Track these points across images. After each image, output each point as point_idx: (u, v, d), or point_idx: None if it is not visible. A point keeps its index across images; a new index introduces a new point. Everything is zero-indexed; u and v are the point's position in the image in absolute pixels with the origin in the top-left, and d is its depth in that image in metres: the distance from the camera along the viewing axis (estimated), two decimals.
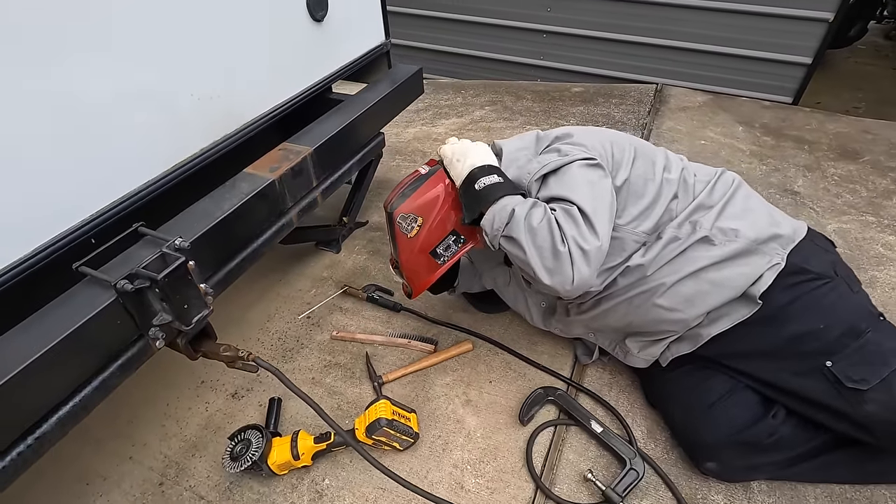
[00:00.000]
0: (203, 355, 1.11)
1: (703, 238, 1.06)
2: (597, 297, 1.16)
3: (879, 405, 0.98)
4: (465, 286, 1.54)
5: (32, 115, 0.87)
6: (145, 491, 1.26)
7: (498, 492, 1.17)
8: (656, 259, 1.07)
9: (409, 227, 1.15)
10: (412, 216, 1.15)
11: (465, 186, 1.10)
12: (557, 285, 0.96)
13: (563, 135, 1.16)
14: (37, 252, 0.92)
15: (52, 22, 0.86)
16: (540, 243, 0.96)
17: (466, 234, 1.17)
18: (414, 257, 1.18)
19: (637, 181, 1.10)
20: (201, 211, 1.11)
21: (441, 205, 1.15)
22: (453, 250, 1.16)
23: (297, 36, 1.42)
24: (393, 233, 1.19)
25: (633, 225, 1.08)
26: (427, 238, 1.16)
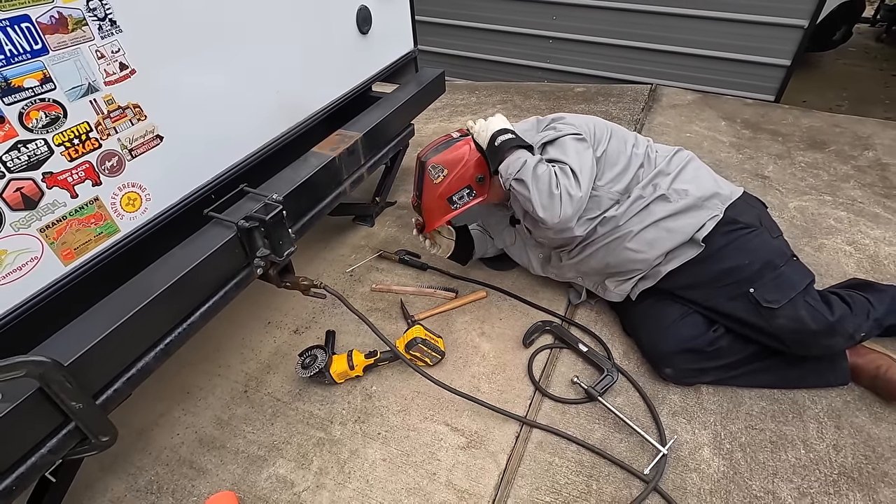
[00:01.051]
0: (286, 285, 1.49)
1: (661, 196, 1.41)
2: (582, 244, 1.51)
3: (787, 319, 1.32)
4: (480, 252, 1.90)
5: (191, 104, 1.26)
6: (234, 396, 1.63)
7: (506, 393, 1.53)
8: (626, 212, 1.43)
9: (436, 175, 1.51)
10: (440, 167, 1.51)
11: (490, 144, 1.46)
12: (548, 218, 1.33)
13: (557, 118, 1.53)
14: (182, 199, 1.30)
15: (201, 38, 1.25)
16: (541, 186, 1.33)
17: (478, 190, 1.53)
18: (434, 200, 1.54)
19: (612, 153, 1.46)
20: (285, 177, 1.48)
21: (464, 163, 1.52)
22: (465, 200, 1.53)
23: (349, 46, 1.80)
24: (422, 178, 1.54)
25: (608, 186, 1.44)
26: (448, 186, 1.52)
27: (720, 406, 1.45)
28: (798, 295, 1.35)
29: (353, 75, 1.86)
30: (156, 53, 1.14)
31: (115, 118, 1.08)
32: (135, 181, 1.17)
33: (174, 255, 1.20)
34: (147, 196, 1.20)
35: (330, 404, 1.56)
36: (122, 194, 1.14)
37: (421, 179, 1.56)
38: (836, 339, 1.37)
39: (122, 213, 1.15)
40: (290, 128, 1.63)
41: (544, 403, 1.48)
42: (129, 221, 1.18)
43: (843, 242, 2.01)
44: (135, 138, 1.14)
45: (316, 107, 1.72)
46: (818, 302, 1.37)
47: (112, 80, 1.06)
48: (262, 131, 1.53)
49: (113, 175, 1.11)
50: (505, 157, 1.41)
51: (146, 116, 1.15)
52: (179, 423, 1.57)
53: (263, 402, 1.60)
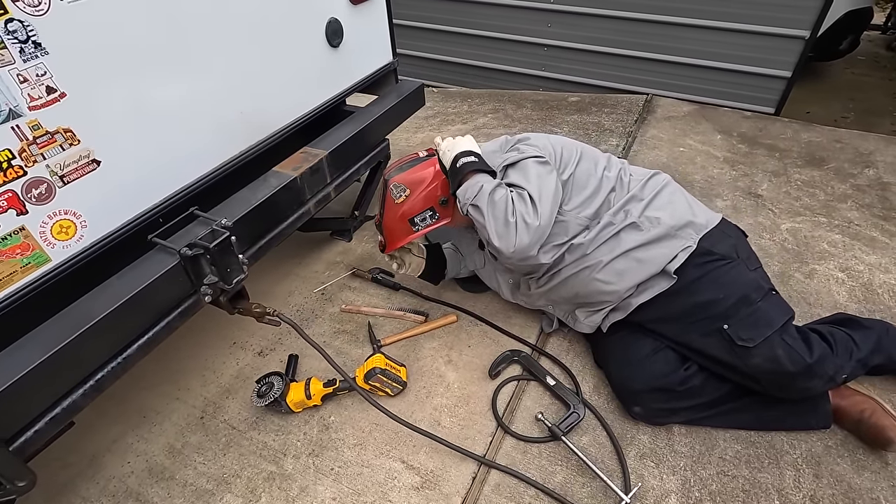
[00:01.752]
0: (239, 311, 1.42)
1: (632, 224, 1.34)
2: (550, 272, 1.44)
3: (763, 359, 1.24)
4: (453, 272, 1.83)
5: (131, 126, 1.20)
6: (189, 423, 1.58)
7: (467, 428, 1.46)
8: (595, 240, 1.35)
9: (398, 195, 1.45)
10: (403, 186, 1.46)
11: (451, 166, 1.39)
12: (503, 248, 1.25)
13: (522, 138, 1.45)
14: (123, 225, 1.25)
15: (148, 57, 1.19)
16: (496, 213, 1.25)
17: (441, 213, 1.47)
18: (395, 220, 1.48)
19: (581, 176, 1.38)
20: (241, 199, 1.43)
21: (427, 184, 1.46)
22: (427, 223, 1.47)
23: (317, 60, 1.73)
24: (385, 196, 1.49)
25: (576, 211, 1.36)
26: (410, 207, 1.45)
27: (692, 449, 1.36)
28: (775, 333, 1.26)
29: (323, 90, 1.80)
30: (90, 75, 1.09)
31: (42, 144, 1.03)
32: (67, 208, 1.11)
33: (111, 285, 1.15)
34: (83, 223, 1.15)
35: (285, 434, 1.50)
36: (53, 222, 1.09)
37: (384, 198, 1.51)
38: (815, 382, 1.28)
39: (53, 241, 1.10)
40: (252, 146, 1.57)
41: (506, 441, 1.41)
42: (62, 250, 1.12)
43: (836, 269, 1.92)
44: (66, 164, 1.09)
45: (280, 123, 1.66)
46: (796, 341, 1.29)
47: (38, 104, 1.01)
48: (218, 150, 1.47)
49: (41, 203, 1.06)
50: (463, 182, 1.34)
51: (80, 141, 1.10)
52: (132, 450, 1.52)
53: (219, 429, 1.55)
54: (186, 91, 1.33)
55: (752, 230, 2.10)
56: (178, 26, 1.26)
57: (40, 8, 0.97)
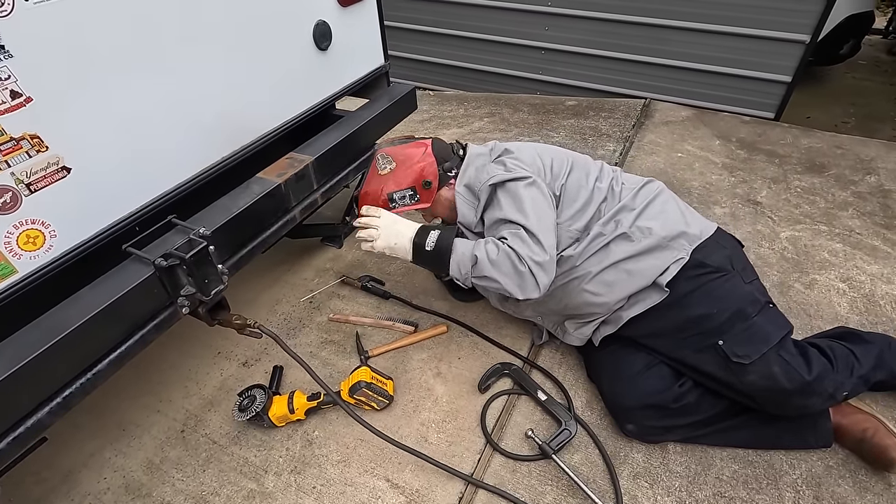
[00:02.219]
0: (218, 323, 1.37)
1: (622, 234, 1.29)
2: None
3: (758, 375, 1.19)
4: None
5: (104, 132, 1.16)
6: (169, 436, 1.53)
7: (455, 445, 1.41)
8: (584, 251, 1.30)
9: (384, 166, 1.41)
10: (390, 158, 1.41)
11: (419, 257, 1.31)
12: (530, 296, 1.21)
13: (509, 149, 1.40)
14: (97, 234, 1.20)
15: (123, 60, 1.15)
16: (505, 271, 1.20)
17: (422, 195, 1.42)
18: (375, 191, 1.42)
19: (572, 188, 1.34)
20: (221, 206, 1.37)
21: (415, 162, 1.41)
22: (406, 202, 1.42)
23: (305, 63, 1.69)
24: (370, 167, 1.44)
25: (567, 223, 1.31)
26: (393, 179, 1.41)
27: (687, 468, 1.31)
28: (771, 349, 1.21)
29: (311, 94, 1.75)
30: (58, 78, 1.04)
31: (5, 151, 0.98)
32: (35, 217, 1.06)
33: (81, 296, 1.10)
34: (52, 233, 1.10)
35: (267, 450, 1.45)
36: (19, 232, 1.04)
37: (369, 168, 1.46)
38: (813, 400, 1.24)
39: (18, 252, 1.05)
40: (235, 151, 1.52)
41: (494, 459, 1.36)
42: (30, 261, 1.08)
43: (837, 279, 1.87)
44: (33, 171, 1.04)
45: (265, 128, 1.61)
46: (794, 357, 1.24)
47: (1, 109, 0.96)
48: (199, 156, 1.43)
49: (6, 212, 1.01)
50: (450, 260, 1.28)
51: (48, 147, 1.05)
52: (109, 464, 1.47)
53: (199, 444, 1.50)
54: (164, 94, 1.28)
55: (750, 238, 2.05)
56: (153, 26, 1.21)
57: (3, 9, 0.92)
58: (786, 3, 2.76)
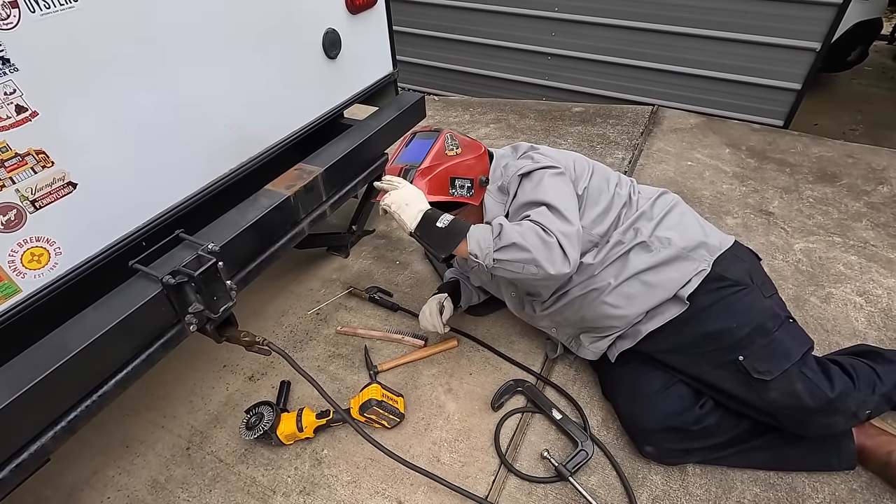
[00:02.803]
0: (226, 339, 1.34)
1: (641, 243, 1.26)
2: (557, 293, 1.36)
3: (780, 393, 1.16)
4: (466, 302, 1.72)
5: (111, 146, 1.12)
6: (174, 454, 1.50)
7: (468, 465, 1.37)
8: (603, 259, 1.27)
9: (451, 148, 1.32)
10: (457, 143, 1.34)
11: (425, 227, 1.20)
12: (561, 270, 1.14)
13: (535, 146, 1.39)
14: (103, 251, 1.17)
15: (127, 72, 1.12)
16: (533, 242, 1.13)
17: (475, 191, 1.34)
18: (441, 169, 1.29)
19: (593, 191, 1.31)
20: (229, 220, 1.34)
21: (479, 156, 1.36)
22: (463, 192, 1.32)
23: (314, 72, 1.66)
24: (434, 143, 1.32)
25: (589, 227, 1.28)
26: (460, 164, 1.31)
27: (707, 491, 1.28)
28: (793, 366, 1.18)
29: (320, 103, 1.73)
30: (64, 92, 1.01)
31: (10, 167, 0.95)
32: (40, 235, 1.03)
33: (86, 316, 1.07)
34: (57, 250, 1.07)
35: (275, 469, 1.42)
36: (23, 251, 1.01)
37: (430, 145, 1.32)
38: (836, 418, 1.20)
39: (23, 271, 1.02)
40: (243, 163, 1.49)
41: (509, 480, 1.33)
42: (34, 280, 1.04)
43: (853, 293, 1.84)
44: (39, 188, 1.01)
45: (273, 139, 1.58)
46: (816, 373, 1.21)
47: (6, 124, 0.93)
48: (207, 169, 1.40)
49: (10, 230, 0.98)
50: (468, 237, 1.19)
51: (53, 163, 1.02)
52: (112, 483, 1.44)
53: (205, 462, 1.46)
54: (171, 107, 1.25)
55: (764, 250, 2.02)
56: (161, 38, 1.18)
57: (9, 21, 0.89)
58: (796, 10, 2.74)
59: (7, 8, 0.89)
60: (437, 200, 1.28)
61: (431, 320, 1.56)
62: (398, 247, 2.24)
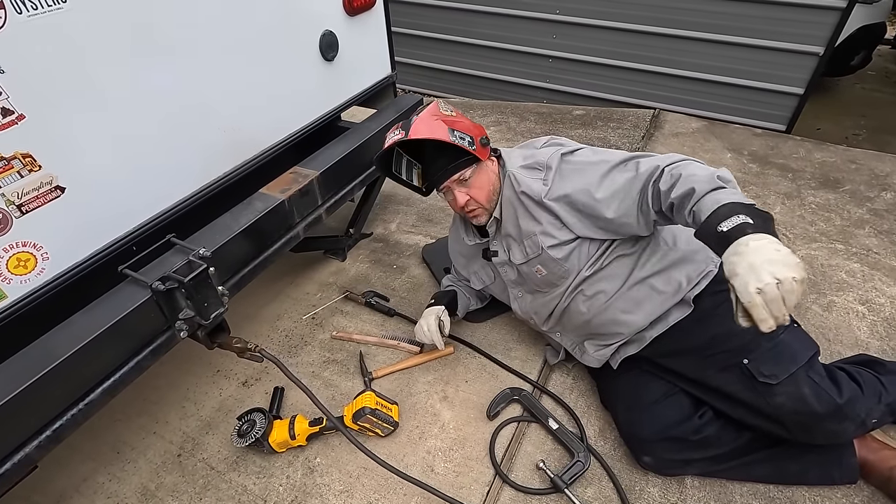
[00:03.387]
0: (218, 346, 1.32)
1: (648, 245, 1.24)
2: (570, 292, 1.33)
3: (787, 397, 1.13)
4: (463, 310, 1.69)
5: (101, 149, 1.11)
6: (165, 461, 1.48)
7: (463, 475, 1.35)
8: (611, 259, 1.25)
9: (446, 109, 1.26)
10: (451, 108, 1.28)
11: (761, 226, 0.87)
12: None
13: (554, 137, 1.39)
14: (92, 256, 1.15)
15: (117, 77, 1.10)
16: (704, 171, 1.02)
17: (478, 150, 1.25)
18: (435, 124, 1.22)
19: None
20: (222, 225, 1.33)
21: (472, 123, 1.29)
22: (464, 143, 1.22)
23: (310, 74, 1.64)
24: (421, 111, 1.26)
25: None
26: (453, 120, 1.24)
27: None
28: (800, 369, 1.15)
29: (316, 106, 1.71)
30: (52, 95, 0.99)
31: None
32: (26, 239, 1.01)
33: (74, 322, 1.05)
34: (44, 255, 1.05)
35: (267, 478, 1.40)
36: (9, 256, 0.99)
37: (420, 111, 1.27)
38: (846, 425, 1.17)
39: (8, 276, 1.00)
40: (237, 166, 1.47)
41: (504, 492, 1.31)
42: (20, 286, 1.03)
43: (856, 301, 1.81)
44: (25, 192, 0.99)
45: (269, 142, 1.56)
46: (823, 379, 1.18)
47: None
48: (200, 172, 1.38)
49: None
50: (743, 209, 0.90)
51: (41, 166, 1.00)
52: (102, 490, 1.42)
53: (196, 469, 1.44)
54: (164, 109, 1.23)
55: None
56: (152, 39, 1.16)
57: None
58: (800, 14, 2.71)
59: None
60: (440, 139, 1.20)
61: (430, 336, 1.52)
62: (395, 250, 2.22)
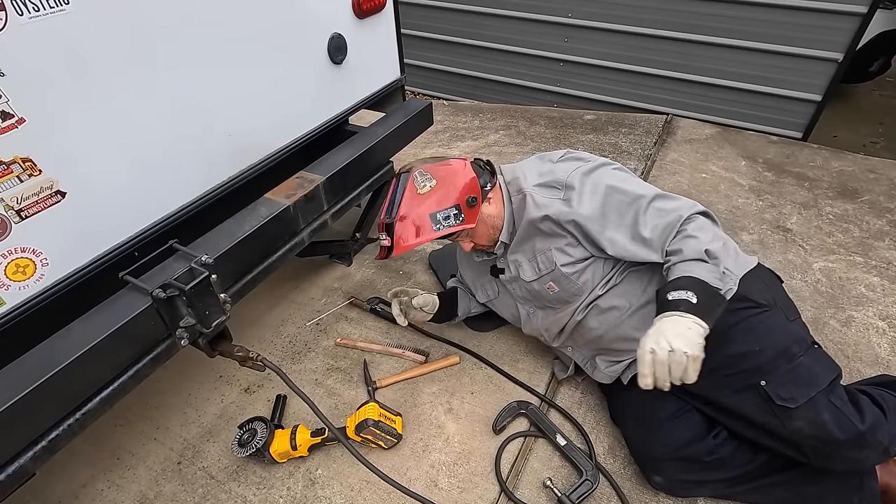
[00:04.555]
0: (219, 354, 1.30)
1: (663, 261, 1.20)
2: (584, 308, 1.29)
3: (806, 422, 1.09)
4: (464, 313, 1.67)
5: (102, 153, 1.08)
6: (165, 468, 1.46)
7: (467, 492, 1.32)
8: (625, 276, 1.23)
9: (423, 184, 1.25)
10: (429, 176, 1.26)
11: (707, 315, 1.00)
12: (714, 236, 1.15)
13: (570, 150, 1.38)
14: (92, 262, 1.13)
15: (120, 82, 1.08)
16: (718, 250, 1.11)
17: (466, 215, 1.25)
18: (415, 214, 1.25)
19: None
20: (225, 230, 1.30)
21: (458, 178, 1.27)
22: (451, 223, 1.24)
23: (318, 77, 1.61)
24: (403, 188, 1.27)
25: None
26: (435, 199, 1.25)
27: None
28: (820, 393, 1.11)
29: (323, 110, 1.68)
30: (53, 98, 0.97)
31: None
32: (25, 245, 0.99)
33: (72, 330, 1.03)
34: (43, 261, 1.03)
35: (267, 489, 1.37)
36: (8, 262, 0.97)
37: (401, 191, 1.28)
38: (867, 453, 1.12)
39: (7, 283, 0.98)
40: (242, 171, 1.45)
41: None
42: (18, 292, 1.01)
43: (876, 316, 1.76)
44: (25, 197, 0.97)
45: (274, 146, 1.54)
46: (845, 403, 1.13)
47: None
48: (204, 177, 1.36)
49: None
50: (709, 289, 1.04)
51: (41, 171, 0.98)
52: (101, 497, 1.40)
53: (196, 478, 1.42)
54: (167, 113, 1.21)
55: (781, 269, 1.94)
56: (157, 42, 1.14)
57: None
58: (819, 20, 2.66)
59: None
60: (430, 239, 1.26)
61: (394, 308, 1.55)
62: (402, 256, 2.19)
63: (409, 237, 1.25)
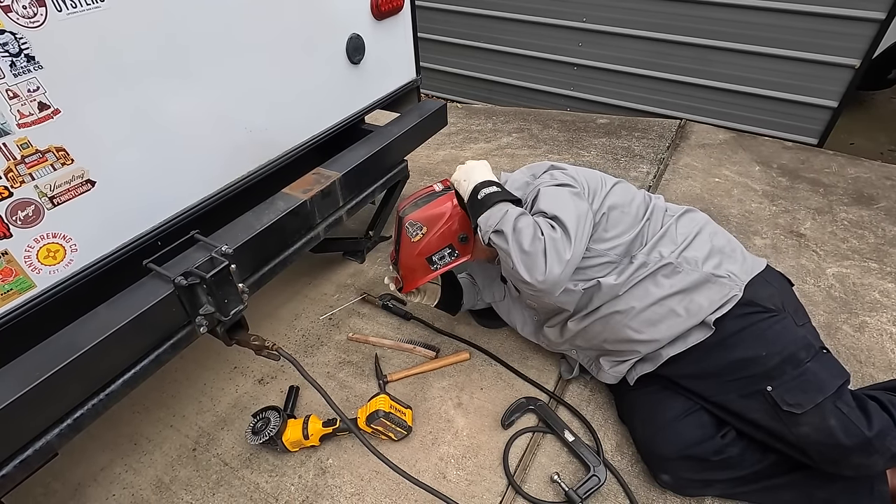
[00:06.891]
0: (236, 343, 1.33)
1: (667, 265, 1.21)
2: (579, 314, 1.31)
3: (812, 428, 1.09)
4: (469, 303, 1.71)
5: (131, 145, 1.13)
6: (181, 454, 1.49)
7: (475, 484, 1.33)
8: (627, 280, 1.22)
9: (415, 233, 1.35)
10: (419, 224, 1.35)
11: (471, 198, 1.28)
12: (530, 278, 1.13)
13: (555, 165, 1.36)
14: (118, 249, 1.17)
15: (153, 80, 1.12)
16: (521, 240, 1.13)
17: (460, 250, 1.38)
18: (412, 259, 1.39)
19: (614, 212, 1.26)
20: (244, 223, 1.34)
21: (445, 221, 1.36)
22: (446, 261, 1.39)
23: (336, 77, 1.65)
24: (399, 235, 1.39)
25: (606, 246, 1.24)
26: (427, 246, 1.36)
27: None
28: (827, 399, 1.11)
29: (341, 108, 1.72)
30: (87, 91, 1.02)
31: (31, 163, 0.96)
32: (57, 231, 1.04)
33: (98, 314, 1.07)
34: (73, 247, 1.07)
35: (279, 476, 1.40)
36: (40, 246, 1.02)
37: (399, 236, 1.41)
38: (874, 459, 1.12)
39: (38, 266, 1.02)
40: (261, 166, 1.49)
41: (516, 503, 1.28)
42: (49, 276, 1.05)
43: (889, 322, 1.74)
44: (58, 184, 1.01)
45: (293, 143, 1.58)
46: (852, 409, 1.13)
47: (28, 121, 0.93)
48: (226, 171, 1.40)
49: (28, 226, 0.99)
50: (485, 211, 1.23)
51: (73, 160, 1.02)
52: (118, 480, 1.44)
53: (210, 464, 1.45)
54: (193, 109, 1.25)
55: (794, 273, 1.94)
56: (186, 41, 1.19)
57: (35, 20, 0.90)
58: (836, 26, 2.64)
59: (34, 6, 0.89)
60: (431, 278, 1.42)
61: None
62: None
63: (413, 278, 1.44)
